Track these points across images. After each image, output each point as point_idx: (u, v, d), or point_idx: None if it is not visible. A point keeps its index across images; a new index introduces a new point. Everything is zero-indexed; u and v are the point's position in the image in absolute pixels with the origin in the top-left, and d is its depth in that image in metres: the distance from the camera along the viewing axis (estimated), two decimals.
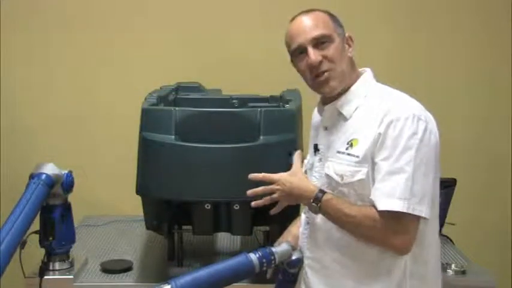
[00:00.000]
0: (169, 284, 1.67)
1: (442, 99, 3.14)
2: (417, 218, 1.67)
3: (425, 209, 1.68)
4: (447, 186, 2.52)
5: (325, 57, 1.76)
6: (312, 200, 1.75)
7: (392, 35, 3.18)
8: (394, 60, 3.13)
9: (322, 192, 1.75)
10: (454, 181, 2.62)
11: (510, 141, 3.23)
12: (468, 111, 3.25)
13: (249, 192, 1.86)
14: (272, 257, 1.80)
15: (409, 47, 3.20)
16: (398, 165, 1.66)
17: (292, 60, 1.85)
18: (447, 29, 3.20)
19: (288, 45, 1.83)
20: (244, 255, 1.78)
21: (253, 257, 1.78)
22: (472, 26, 3.20)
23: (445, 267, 2.30)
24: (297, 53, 1.80)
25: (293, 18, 1.83)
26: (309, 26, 1.78)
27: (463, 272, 2.30)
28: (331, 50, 1.76)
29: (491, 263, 2.51)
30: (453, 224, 2.60)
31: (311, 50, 1.76)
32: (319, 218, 1.81)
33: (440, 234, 2.53)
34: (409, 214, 1.65)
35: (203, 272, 1.74)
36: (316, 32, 1.77)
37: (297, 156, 1.89)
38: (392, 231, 1.68)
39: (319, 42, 1.77)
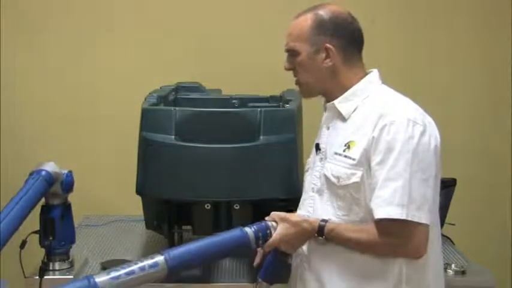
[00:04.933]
0: (162, 255, 1.66)
1: (442, 99, 3.14)
2: (420, 224, 1.66)
3: (425, 215, 1.67)
4: (447, 186, 2.52)
5: (292, 67, 1.85)
6: (316, 234, 1.76)
7: (392, 34, 3.18)
8: (393, 60, 3.12)
9: (324, 221, 1.75)
10: (454, 181, 2.62)
11: (510, 141, 3.23)
12: (468, 111, 3.24)
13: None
14: (268, 232, 1.77)
15: (408, 46, 3.20)
16: (395, 171, 1.65)
17: None
18: (447, 28, 3.20)
19: None
20: (240, 228, 1.77)
21: (249, 230, 1.76)
22: (473, 25, 3.20)
23: (445, 267, 2.30)
24: None
25: None
26: (287, 34, 1.85)
27: (463, 272, 2.29)
28: (295, 62, 1.83)
29: (491, 263, 2.51)
30: (453, 224, 2.60)
31: (286, 58, 1.86)
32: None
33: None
34: (410, 221, 1.64)
35: (197, 244, 1.71)
36: (287, 44, 1.85)
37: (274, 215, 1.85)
38: (397, 239, 1.68)
39: (289, 53, 1.85)
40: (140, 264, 1.63)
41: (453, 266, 2.31)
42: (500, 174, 3.27)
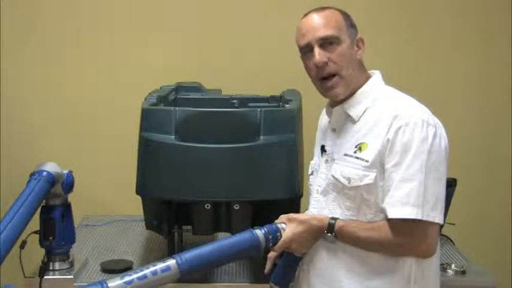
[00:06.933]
0: (174, 258, 1.67)
1: (442, 98, 3.14)
2: (434, 223, 1.67)
3: (439, 214, 1.68)
4: (447, 186, 2.51)
5: (330, 59, 1.75)
6: (326, 231, 1.75)
7: (392, 34, 3.18)
8: (394, 60, 3.12)
9: (334, 219, 1.74)
10: (454, 181, 2.62)
11: (510, 141, 3.23)
12: (468, 111, 3.24)
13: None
14: (278, 234, 1.78)
15: (409, 46, 3.20)
16: (410, 172, 1.66)
17: (301, 57, 1.85)
18: (447, 28, 3.20)
19: (297, 41, 1.82)
20: (250, 231, 1.77)
21: (259, 232, 1.76)
22: (472, 26, 3.20)
23: (445, 267, 2.30)
24: (305, 50, 1.79)
25: (305, 15, 1.82)
26: (318, 24, 1.76)
27: (463, 272, 2.30)
28: (337, 52, 1.75)
29: (491, 263, 2.51)
30: (453, 224, 2.60)
31: (317, 50, 1.75)
32: None
33: (440, 234, 2.53)
34: (424, 220, 1.65)
35: (208, 247, 1.72)
36: (324, 33, 1.75)
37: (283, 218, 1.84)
38: (411, 239, 1.68)
39: (327, 43, 1.75)
40: (152, 269, 1.65)
41: (453, 266, 2.32)
42: (500, 174, 3.27)
